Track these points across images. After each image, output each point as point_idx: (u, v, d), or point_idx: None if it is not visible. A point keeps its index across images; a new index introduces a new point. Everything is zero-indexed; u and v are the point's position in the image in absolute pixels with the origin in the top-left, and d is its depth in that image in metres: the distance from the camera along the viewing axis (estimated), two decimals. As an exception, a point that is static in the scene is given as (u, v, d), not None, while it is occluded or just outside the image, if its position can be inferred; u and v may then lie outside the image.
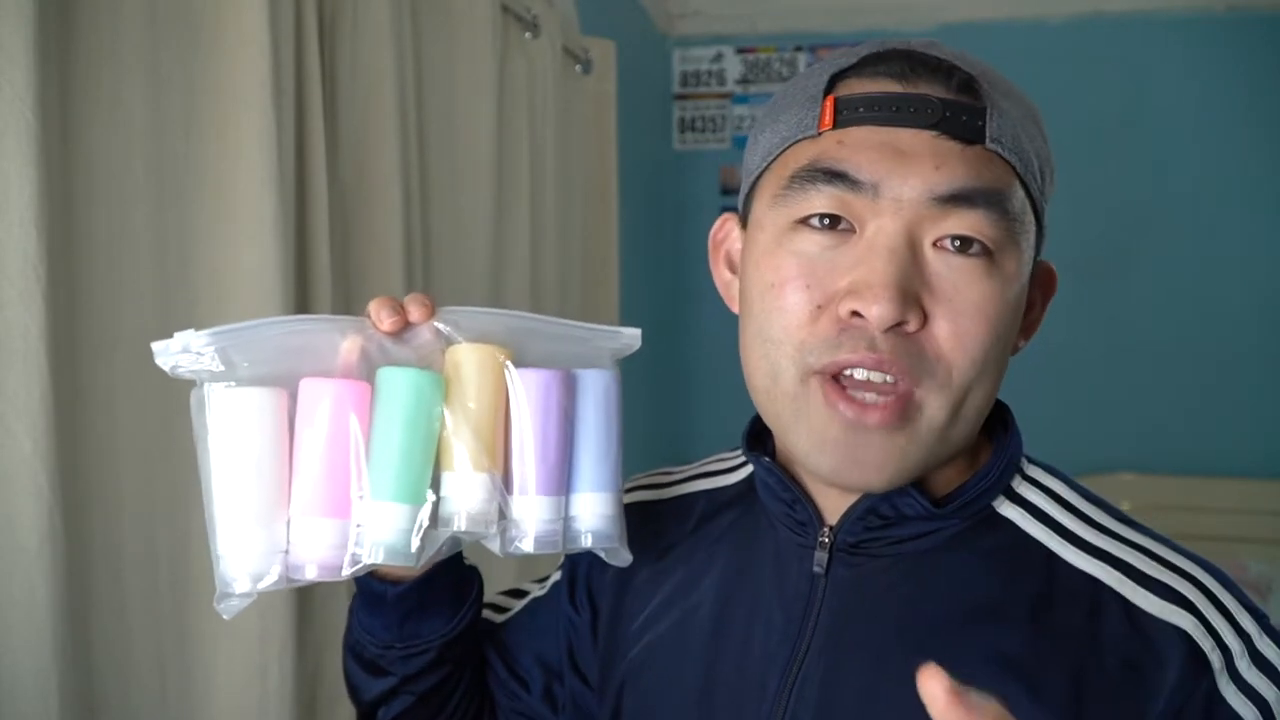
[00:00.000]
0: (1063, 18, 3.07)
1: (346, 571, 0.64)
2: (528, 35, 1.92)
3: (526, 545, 0.67)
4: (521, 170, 1.90)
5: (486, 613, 0.90)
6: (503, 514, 0.67)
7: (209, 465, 0.64)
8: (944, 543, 0.71)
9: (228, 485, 0.63)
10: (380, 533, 0.64)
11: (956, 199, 0.64)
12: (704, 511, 0.83)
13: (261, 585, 0.64)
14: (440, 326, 0.68)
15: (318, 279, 1.31)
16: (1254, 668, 0.64)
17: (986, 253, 0.65)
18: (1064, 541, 0.70)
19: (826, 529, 0.72)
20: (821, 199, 0.66)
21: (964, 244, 0.65)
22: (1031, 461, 0.75)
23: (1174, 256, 3.02)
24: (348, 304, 1.43)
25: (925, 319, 0.64)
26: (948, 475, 0.72)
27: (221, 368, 0.64)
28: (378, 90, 1.43)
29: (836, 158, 0.66)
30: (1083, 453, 2.53)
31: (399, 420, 0.65)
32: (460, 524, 0.66)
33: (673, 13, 3.33)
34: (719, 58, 3.36)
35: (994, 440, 0.75)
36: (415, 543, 0.65)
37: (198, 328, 1.14)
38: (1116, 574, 0.68)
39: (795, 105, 0.70)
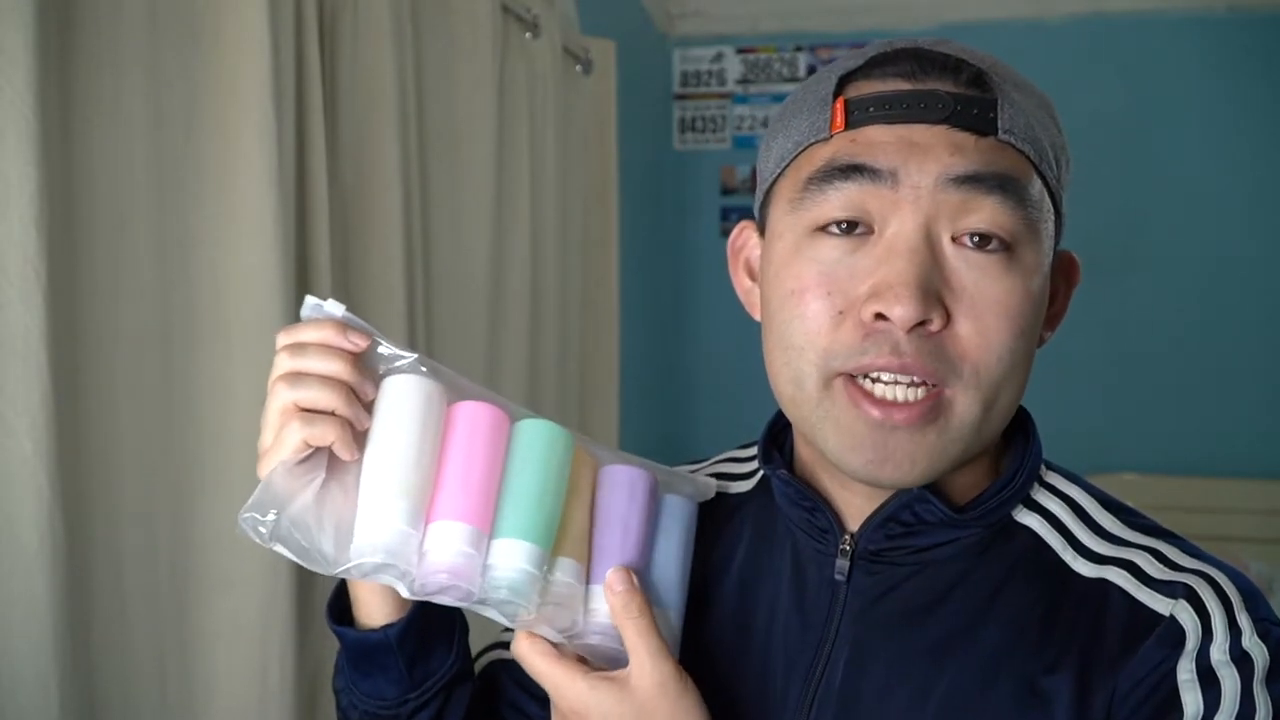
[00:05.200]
0: (1063, 17, 3.07)
1: (474, 598, 0.64)
2: (528, 35, 1.92)
3: (594, 639, 0.68)
4: (521, 170, 1.90)
5: (504, 653, 0.87)
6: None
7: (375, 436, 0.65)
8: (964, 551, 0.70)
9: (386, 457, 0.64)
10: (505, 569, 0.64)
11: (973, 182, 0.64)
12: (719, 513, 0.82)
13: (393, 559, 0.62)
14: None
15: (318, 279, 1.31)
16: (1228, 657, 0.63)
17: (1005, 248, 0.65)
18: (1075, 553, 0.70)
19: (848, 536, 0.72)
20: (839, 199, 0.66)
21: (982, 240, 0.65)
22: (1050, 468, 0.75)
23: (1175, 256, 3.02)
24: (347, 304, 1.43)
25: (948, 318, 0.64)
26: (968, 482, 0.72)
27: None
28: (378, 90, 1.43)
29: (851, 153, 0.66)
30: (1084, 453, 2.52)
31: (537, 466, 0.66)
32: (539, 618, 0.66)
33: (673, 13, 3.33)
34: (719, 58, 3.36)
35: (1013, 446, 0.74)
36: (539, 589, 0.65)
37: (197, 327, 1.15)
38: (1124, 573, 0.68)
39: (806, 110, 0.70)
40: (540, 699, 0.81)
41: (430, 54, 1.62)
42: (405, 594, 0.64)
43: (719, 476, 0.85)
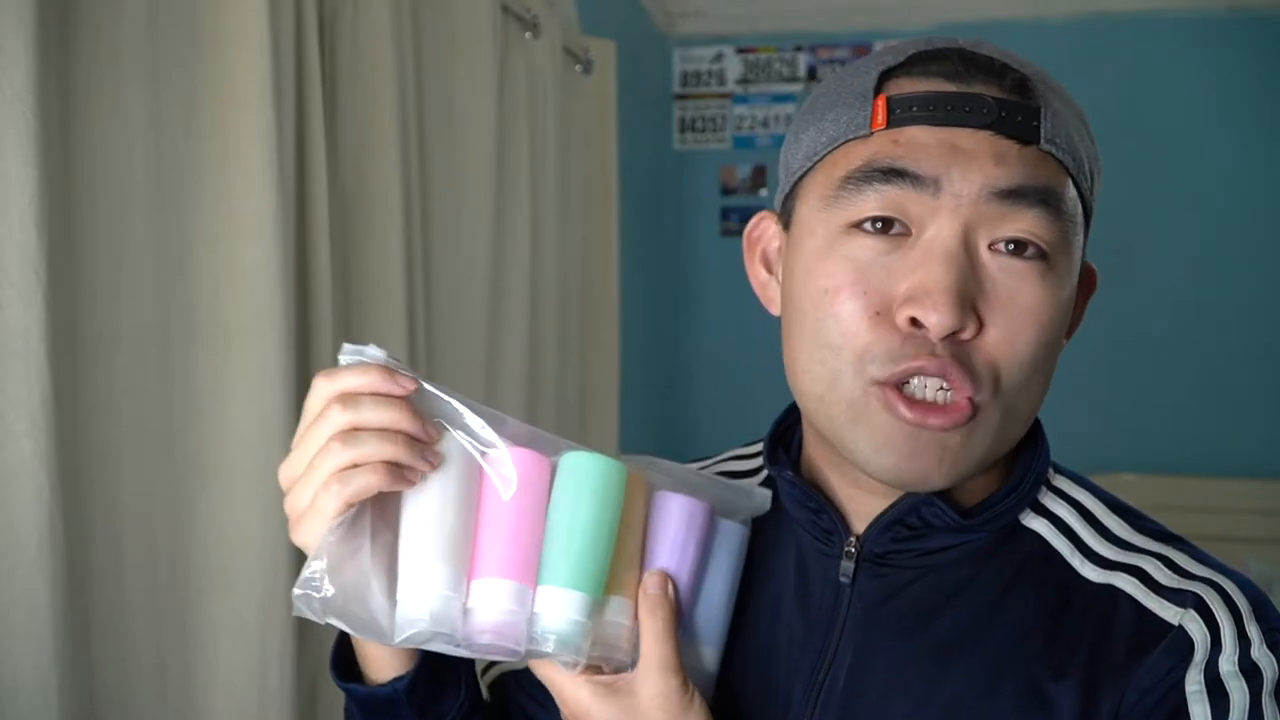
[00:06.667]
0: (1063, 17, 3.07)
1: (521, 655, 0.62)
2: (528, 35, 1.92)
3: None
4: (521, 170, 1.90)
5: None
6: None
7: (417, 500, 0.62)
8: (971, 555, 0.70)
9: (422, 521, 0.61)
10: (552, 620, 0.61)
11: (1015, 195, 0.63)
12: None
13: (439, 626, 0.60)
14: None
15: (318, 279, 1.31)
16: (1237, 668, 0.63)
17: (1041, 256, 0.64)
18: (1084, 558, 0.69)
19: (853, 538, 0.71)
20: (877, 199, 0.64)
21: (1019, 247, 0.64)
22: (1059, 472, 0.75)
23: (1174, 256, 3.02)
24: (348, 304, 1.43)
25: (980, 325, 0.64)
26: (976, 486, 0.71)
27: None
28: (378, 90, 1.43)
29: (894, 155, 0.64)
30: (1083, 453, 2.51)
31: (584, 505, 0.63)
32: (591, 649, 0.64)
33: (673, 13, 3.32)
34: (719, 58, 3.36)
35: (1021, 451, 0.73)
36: (588, 638, 0.62)
37: (197, 327, 1.15)
38: (1134, 580, 0.67)
39: (842, 104, 0.68)
40: (549, 707, 0.81)
41: (430, 54, 1.62)
42: (462, 655, 0.62)
43: (723, 475, 0.84)
